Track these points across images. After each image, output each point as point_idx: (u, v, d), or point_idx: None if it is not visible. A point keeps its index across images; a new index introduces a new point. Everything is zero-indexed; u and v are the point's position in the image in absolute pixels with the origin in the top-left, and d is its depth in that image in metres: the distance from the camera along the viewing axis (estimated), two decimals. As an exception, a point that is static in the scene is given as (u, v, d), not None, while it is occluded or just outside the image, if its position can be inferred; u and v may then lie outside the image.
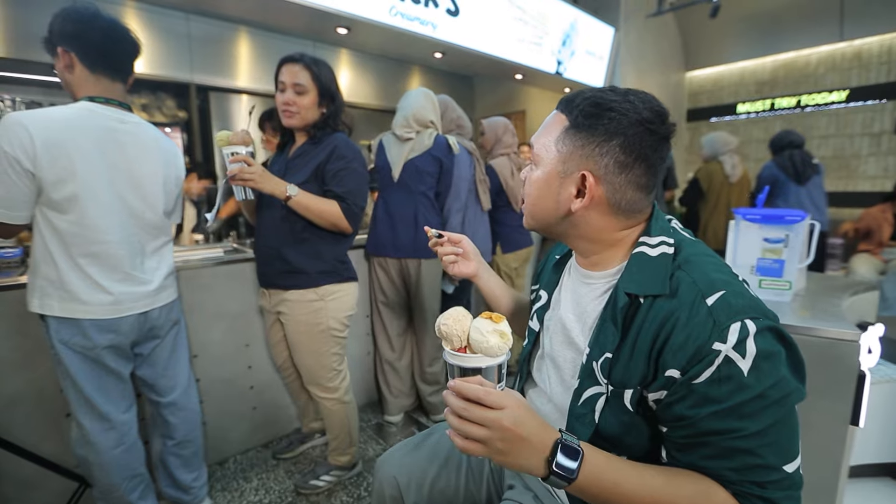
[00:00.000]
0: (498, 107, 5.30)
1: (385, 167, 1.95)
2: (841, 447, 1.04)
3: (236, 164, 1.28)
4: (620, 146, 0.63)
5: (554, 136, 0.68)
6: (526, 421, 0.54)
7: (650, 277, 0.62)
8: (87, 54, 1.14)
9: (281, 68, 1.43)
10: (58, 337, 1.14)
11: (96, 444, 1.21)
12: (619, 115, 0.62)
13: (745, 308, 0.56)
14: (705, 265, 0.61)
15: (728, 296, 0.57)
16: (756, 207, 1.21)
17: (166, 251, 1.35)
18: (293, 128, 1.48)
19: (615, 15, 4.26)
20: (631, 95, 0.64)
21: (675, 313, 0.58)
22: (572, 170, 0.66)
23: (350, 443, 1.69)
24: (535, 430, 0.55)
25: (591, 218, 0.68)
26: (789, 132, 3.13)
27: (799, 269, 1.18)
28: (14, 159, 1.02)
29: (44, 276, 1.12)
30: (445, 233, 0.95)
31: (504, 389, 0.60)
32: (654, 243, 0.65)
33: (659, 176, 0.67)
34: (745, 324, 0.54)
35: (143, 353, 1.31)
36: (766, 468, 0.54)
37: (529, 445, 0.54)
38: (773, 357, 0.54)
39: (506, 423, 0.53)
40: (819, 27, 4.40)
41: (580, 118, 0.65)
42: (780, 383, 0.54)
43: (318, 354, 1.54)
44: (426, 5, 2.76)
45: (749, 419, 0.53)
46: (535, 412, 0.57)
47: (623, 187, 0.64)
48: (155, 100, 3.32)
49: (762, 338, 0.54)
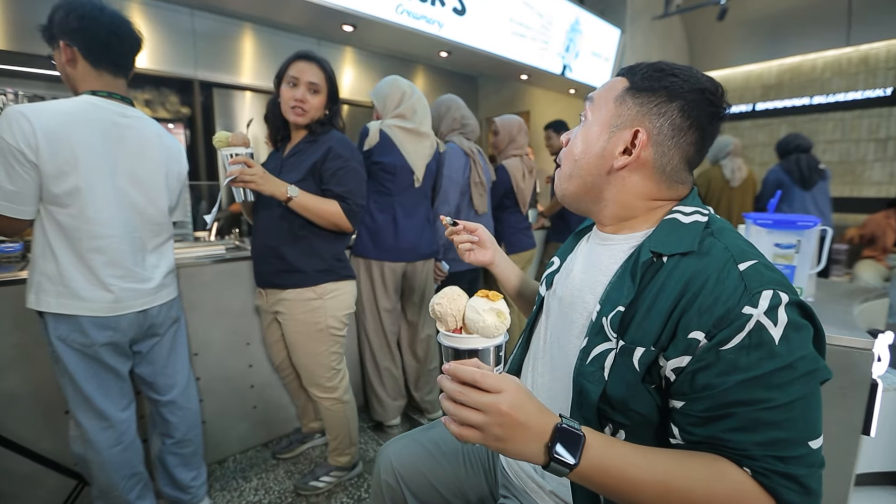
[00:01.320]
0: (502, 107, 5.28)
1: (404, 168, 1.82)
2: (851, 456, 1.02)
3: (236, 165, 1.26)
4: (679, 109, 0.63)
5: (614, 94, 0.68)
6: (525, 405, 0.51)
7: (679, 239, 0.61)
8: (91, 50, 1.13)
9: (293, 64, 1.42)
10: (55, 334, 1.12)
11: (94, 442, 1.20)
12: (681, 81, 0.63)
13: (777, 280, 0.55)
14: (737, 238, 0.61)
15: (759, 266, 0.56)
16: (766, 212, 1.20)
17: (167, 248, 1.33)
18: (298, 125, 1.47)
19: (621, 16, 4.24)
20: (694, 69, 0.65)
21: (704, 273, 0.56)
22: (626, 125, 0.66)
23: (350, 443, 1.67)
24: (534, 414, 0.52)
25: (631, 180, 0.67)
26: (797, 136, 3.09)
27: (809, 275, 1.17)
28: (18, 151, 1.01)
29: (42, 272, 1.11)
30: (461, 221, 0.95)
31: (502, 373, 0.56)
32: (688, 212, 0.65)
33: (704, 154, 0.67)
34: (777, 293, 0.53)
35: (142, 350, 1.30)
36: (792, 443, 0.52)
37: (528, 431, 0.51)
38: (803, 329, 0.53)
39: (504, 407, 0.50)
40: (826, 32, 4.37)
41: (643, 80, 0.66)
42: (808, 357, 0.52)
43: (316, 354, 1.52)
44: (433, 4, 2.74)
45: (777, 390, 0.51)
46: (534, 397, 0.54)
47: (671, 152, 0.64)
48: (158, 95, 3.31)
49: (792, 309, 0.53)
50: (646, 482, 0.52)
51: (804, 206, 2.96)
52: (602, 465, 0.51)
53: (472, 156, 2.08)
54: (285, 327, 1.52)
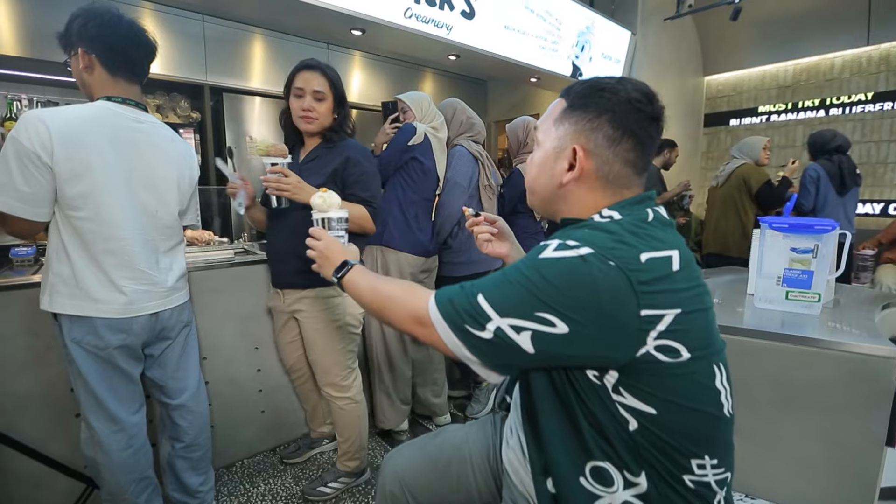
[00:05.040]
0: (512, 110, 5.26)
1: (434, 173, 1.94)
2: (875, 469, 0.98)
3: (274, 174, 1.34)
4: (609, 121, 0.68)
5: (553, 117, 0.75)
6: (332, 248, 0.97)
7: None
8: (109, 57, 1.15)
9: (298, 75, 1.46)
10: (70, 336, 1.13)
11: (105, 445, 1.20)
12: (609, 94, 0.69)
13: (580, 238, 0.65)
14: (601, 234, 0.65)
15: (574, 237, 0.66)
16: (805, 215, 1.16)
17: (179, 252, 1.34)
18: (309, 133, 1.51)
19: (632, 18, 4.19)
20: (623, 80, 0.70)
21: None
22: (566, 145, 0.72)
23: (360, 446, 1.66)
24: (336, 254, 0.95)
25: (581, 192, 0.73)
26: (836, 134, 2.87)
27: (827, 280, 1.13)
28: (34, 154, 1.03)
29: (56, 274, 1.12)
30: (482, 213, 1.03)
31: (329, 234, 1.04)
32: (605, 214, 0.70)
33: (648, 156, 0.71)
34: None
35: (154, 354, 1.30)
36: (471, 286, 0.68)
37: (330, 261, 0.95)
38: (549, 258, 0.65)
39: (320, 246, 0.98)
40: (845, 31, 4.27)
41: (576, 99, 0.72)
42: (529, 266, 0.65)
43: (334, 352, 1.56)
44: (441, 7, 2.74)
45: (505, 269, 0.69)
46: (341, 245, 1.00)
47: (611, 161, 0.70)
48: (169, 100, 3.34)
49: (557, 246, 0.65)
50: (372, 287, 0.84)
51: (835, 212, 2.79)
52: (348, 281, 0.89)
53: (480, 159, 2.07)
54: (304, 325, 1.55)
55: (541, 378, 0.69)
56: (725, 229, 3.07)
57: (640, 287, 0.58)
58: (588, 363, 0.63)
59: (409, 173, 1.89)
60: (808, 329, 1.07)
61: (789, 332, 1.04)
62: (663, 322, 0.59)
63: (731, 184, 3.03)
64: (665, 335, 0.59)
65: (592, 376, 0.63)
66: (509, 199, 2.30)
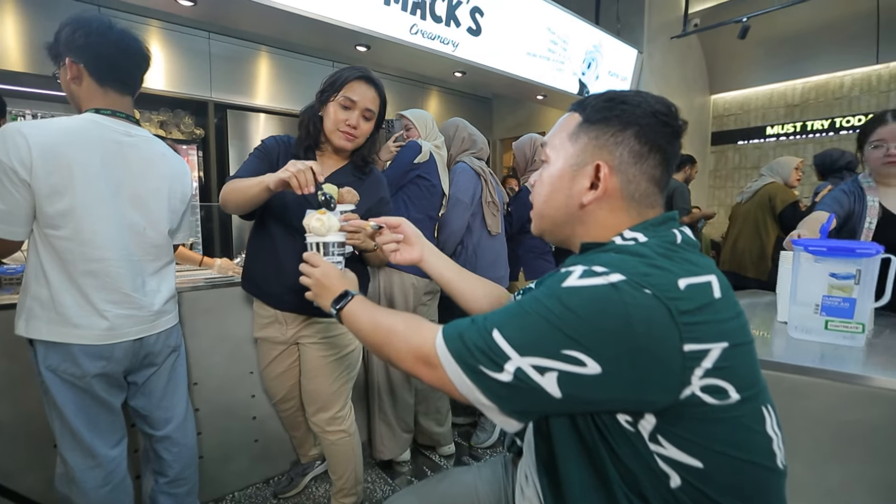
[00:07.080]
0: (518, 128, 5.24)
1: (439, 191, 1.88)
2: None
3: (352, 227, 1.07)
4: (635, 135, 0.63)
5: (567, 132, 0.68)
6: (330, 275, 0.87)
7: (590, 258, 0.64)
8: (98, 67, 1.10)
9: (352, 84, 1.29)
10: (45, 363, 1.05)
11: (81, 482, 1.11)
12: (632, 107, 0.63)
13: (607, 262, 0.59)
14: (631, 260, 0.59)
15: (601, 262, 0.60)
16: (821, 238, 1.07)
17: (168, 273, 1.26)
18: (341, 149, 1.36)
19: (639, 36, 4.19)
20: (643, 93, 0.66)
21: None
22: (586, 162, 0.66)
23: (356, 481, 1.55)
24: (334, 282, 0.86)
25: (602, 213, 0.66)
26: (843, 152, 2.81)
27: (871, 308, 1.04)
28: (10, 169, 0.96)
29: (34, 297, 1.04)
30: (381, 220, 0.96)
31: (328, 260, 0.95)
32: (628, 236, 0.63)
33: (671, 174, 0.67)
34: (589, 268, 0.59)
35: (138, 381, 1.22)
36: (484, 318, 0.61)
37: (328, 290, 0.85)
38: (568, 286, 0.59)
39: (317, 274, 0.87)
40: (853, 49, 4.25)
41: (593, 113, 0.66)
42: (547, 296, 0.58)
43: (336, 380, 1.47)
44: (447, 24, 2.72)
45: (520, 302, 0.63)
46: (339, 272, 0.89)
47: (637, 178, 0.64)
48: (173, 117, 3.33)
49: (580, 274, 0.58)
50: (372, 321, 0.75)
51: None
52: (347, 313, 0.80)
53: (483, 175, 2.01)
54: (309, 353, 1.45)
55: (561, 420, 0.60)
56: (744, 248, 2.97)
57: (681, 318, 0.51)
58: (621, 407, 0.54)
59: (413, 191, 1.83)
60: (851, 364, 0.97)
61: (833, 368, 0.93)
62: (709, 358, 0.51)
63: (755, 201, 2.94)
64: (712, 373, 0.51)
65: (624, 421, 0.55)
66: (517, 217, 2.24)
